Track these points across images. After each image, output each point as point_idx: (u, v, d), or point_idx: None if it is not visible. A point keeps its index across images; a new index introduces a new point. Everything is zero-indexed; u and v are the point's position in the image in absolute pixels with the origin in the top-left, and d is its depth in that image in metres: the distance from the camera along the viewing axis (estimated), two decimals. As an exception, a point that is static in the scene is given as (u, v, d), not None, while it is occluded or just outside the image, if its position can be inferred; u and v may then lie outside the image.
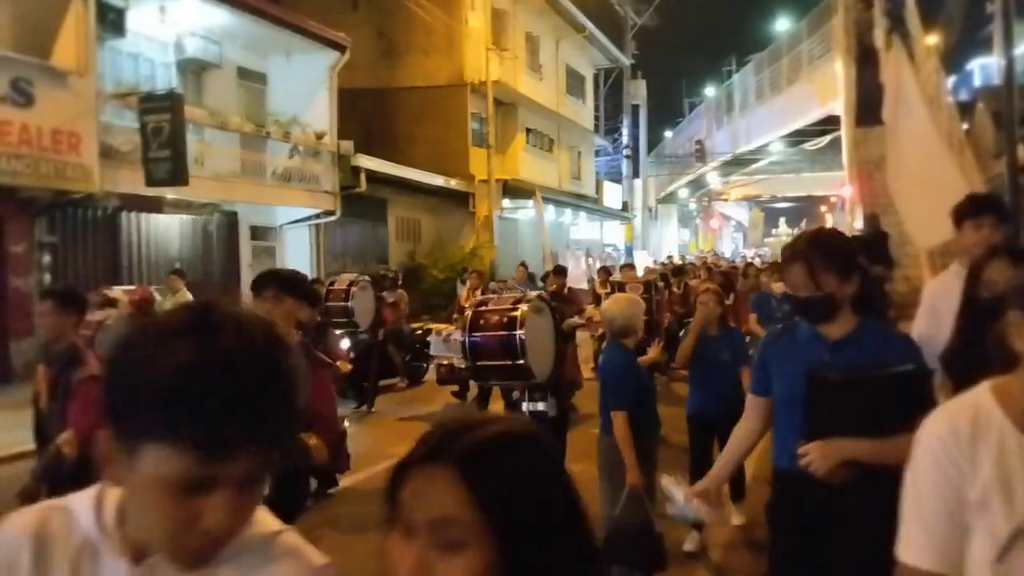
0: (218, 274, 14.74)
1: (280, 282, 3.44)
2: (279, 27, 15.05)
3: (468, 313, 5.50)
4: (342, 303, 9.38)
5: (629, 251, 34.12)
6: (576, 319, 10.65)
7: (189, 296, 10.47)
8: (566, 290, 11.18)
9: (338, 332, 10.02)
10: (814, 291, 2.44)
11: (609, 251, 34.74)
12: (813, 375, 2.43)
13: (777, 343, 2.68)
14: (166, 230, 13.72)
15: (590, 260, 28.36)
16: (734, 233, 61.82)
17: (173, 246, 13.86)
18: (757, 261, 21.03)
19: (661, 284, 11.83)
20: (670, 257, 25.12)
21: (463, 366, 5.47)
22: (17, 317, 10.84)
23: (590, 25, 28.71)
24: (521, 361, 5.09)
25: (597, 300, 12.18)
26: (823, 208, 61.90)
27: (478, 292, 11.24)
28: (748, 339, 10.01)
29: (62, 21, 10.90)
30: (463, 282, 15.74)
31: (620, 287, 10.79)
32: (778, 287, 7.72)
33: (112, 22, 12.12)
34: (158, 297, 9.45)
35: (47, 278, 11.34)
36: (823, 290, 2.42)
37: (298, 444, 3.08)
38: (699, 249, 41.44)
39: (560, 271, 11.99)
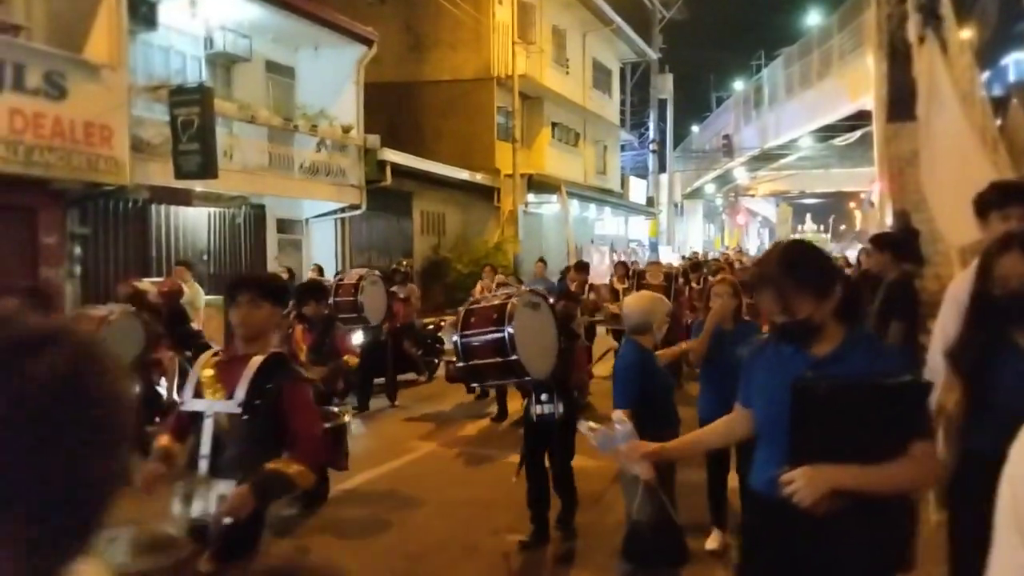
0: (245, 266, 14.88)
1: (258, 286, 3.16)
2: (308, 21, 15.14)
3: (460, 312, 5.28)
4: (351, 298, 9.13)
5: (654, 246, 33.97)
6: (597, 315, 10.58)
7: (198, 288, 10.38)
8: (587, 286, 11.14)
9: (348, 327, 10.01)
10: (789, 317, 2.23)
11: (634, 246, 34.61)
12: (799, 387, 2.18)
13: (760, 356, 2.45)
14: (195, 222, 13.87)
15: (614, 255, 28.23)
16: (760, 229, 61.30)
17: (201, 238, 14.01)
18: None
19: (682, 281, 11.60)
20: (695, 253, 24.96)
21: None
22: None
23: (617, 18, 28.56)
24: (513, 357, 4.85)
25: (615, 295, 12.02)
26: (852, 204, 61.22)
27: (492, 288, 11.07)
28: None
29: (95, 15, 11.03)
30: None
31: (641, 276, 10.45)
32: None
33: (144, 16, 12.26)
34: (186, 290, 9.54)
35: (78, 269, 11.52)
36: (798, 315, 2.21)
37: (277, 476, 2.81)
38: (724, 245, 41.14)
39: (581, 267, 11.84)
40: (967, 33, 19.30)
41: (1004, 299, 2.39)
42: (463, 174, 20.69)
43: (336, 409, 5.73)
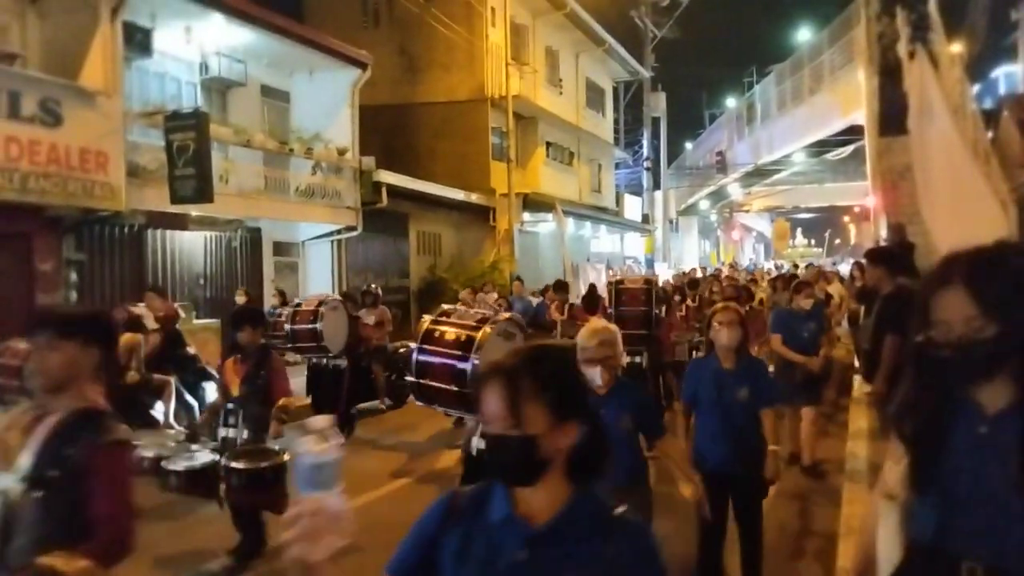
0: (241, 290, 14.86)
1: (57, 323, 2.56)
2: (302, 46, 15.23)
3: (424, 322, 4.79)
4: (310, 325, 8.56)
5: (650, 263, 34.03)
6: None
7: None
8: (567, 307, 10.74)
9: (303, 357, 9.34)
10: (510, 426, 1.59)
11: (630, 263, 34.66)
12: None
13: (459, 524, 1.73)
14: (191, 247, 13.87)
15: (610, 272, 28.27)
16: (756, 244, 61.46)
17: (198, 262, 14.01)
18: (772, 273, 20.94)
19: (678, 298, 11.21)
20: (693, 269, 24.98)
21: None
22: (46, 334, 10.98)
23: (610, 38, 28.77)
24: (468, 391, 4.24)
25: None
26: (846, 218, 61.42)
27: (471, 304, 10.82)
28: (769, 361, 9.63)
29: (90, 42, 11.09)
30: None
31: (619, 285, 9.36)
32: (806, 303, 7.36)
33: (139, 43, 12.33)
34: (182, 314, 9.52)
35: (74, 295, 11.50)
36: (524, 428, 1.59)
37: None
38: (720, 261, 41.22)
39: (560, 287, 11.35)
40: (957, 47, 19.48)
41: (948, 349, 1.79)
42: (459, 194, 20.75)
43: (277, 447, 5.22)
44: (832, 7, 23.13)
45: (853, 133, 22.85)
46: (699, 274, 21.48)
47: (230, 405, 5.59)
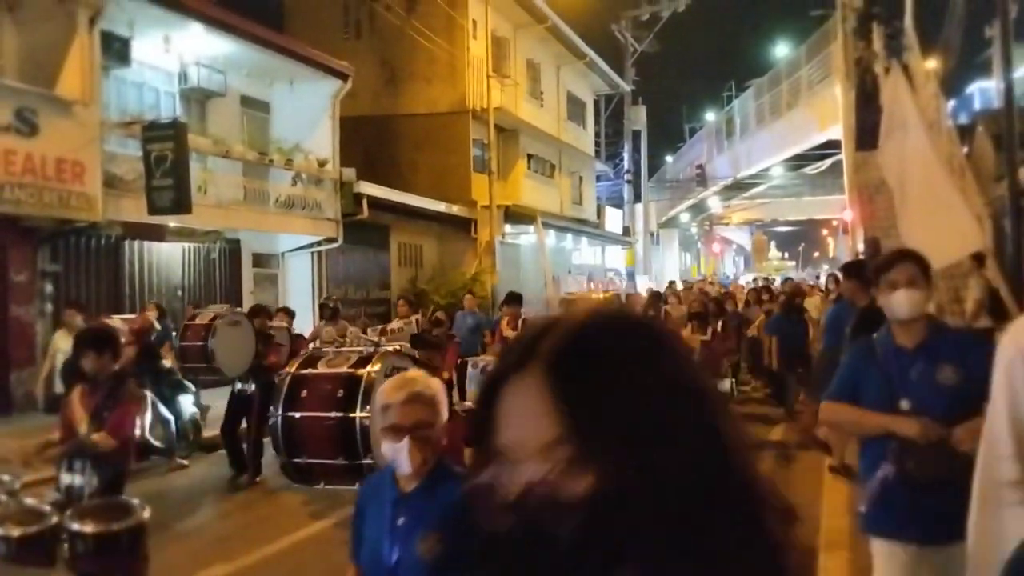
0: (220, 301, 14.73)
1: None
2: (283, 56, 15.19)
3: (284, 377, 3.76)
4: (200, 343, 7.21)
5: (631, 275, 34.13)
6: None
7: None
8: (520, 321, 9.46)
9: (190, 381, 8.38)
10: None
11: (611, 276, 34.74)
12: None
13: None
14: (169, 258, 13.74)
15: (591, 285, 28.32)
16: (736, 257, 61.84)
17: (176, 274, 13.88)
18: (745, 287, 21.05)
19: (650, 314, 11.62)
20: (672, 282, 25.03)
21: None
22: (18, 346, 10.83)
23: (591, 52, 28.95)
24: (366, 461, 3.29)
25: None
26: (824, 231, 61.97)
27: (409, 323, 10.02)
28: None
29: (67, 51, 10.99)
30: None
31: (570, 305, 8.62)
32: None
33: (117, 52, 12.24)
34: (156, 326, 9.37)
35: (49, 307, 11.35)
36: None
37: None
38: (701, 273, 41.43)
39: (513, 299, 10.20)
40: (932, 63, 19.74)
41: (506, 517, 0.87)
42: (440, 206, 20.72)
43: (136, 501, 4.01)
44: (810, 23, 23.41)
45: (830, 147, 23.09)
46: (679, 286, 21.50)
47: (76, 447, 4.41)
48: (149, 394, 8.43)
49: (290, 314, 10.19)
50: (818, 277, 37.14)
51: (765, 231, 53.20)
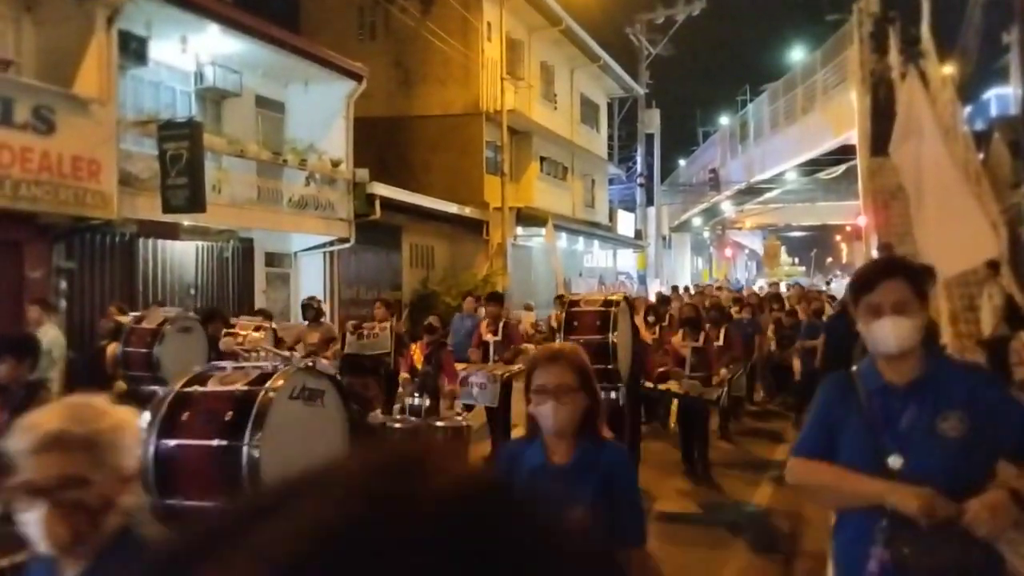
0: (232, 300, 14.82)
1: None
2: (298, 57, 15.25)
3: (166, 396, 3.00)
4: (144, 350, 6.42)
5: (643, 279, 34.07)
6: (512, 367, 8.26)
7: (55, 331, 8.05)
8: (502, 323, 8.75)
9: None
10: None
11: (623, 279, 34.69)
12: None
13: None
14: (182, 256, 13.82)
15: (602, 288, 28.30)
16: (748, 262, 61.64)
17: (189, 272, 13.95)
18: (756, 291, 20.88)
19: (652, 319, 10.50)
20: (685, 289, 24.96)
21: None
22: (34, 342, 10.90)
23: (605, 55, 28.93)
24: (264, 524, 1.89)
25: (552, 334, 10.75)
26: (838, 237, 61.69)
27: (384, 328, 9.09)
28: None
29: (85, 50, 11.07)
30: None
31: (573, 306, 7.24)
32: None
33: (134, 51, 12.32)
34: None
35: (64, 304, 11.43)
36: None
37: None
38: (713, 278, 41.30)
39: (493, 299, 9.35)
40: (949, 69, 19.65)
41: None
42: (452, 208, 20.75)
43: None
44: (826, 28, 23.35)
45: (845, 152, 22.99)
46: (692, 291, 21.44)
47: None
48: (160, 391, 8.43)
49: (267, 316, 9.49)
50: (829, 283, 36.95)
51: (778, 236, 53.02)
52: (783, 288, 23.10)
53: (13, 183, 9.82)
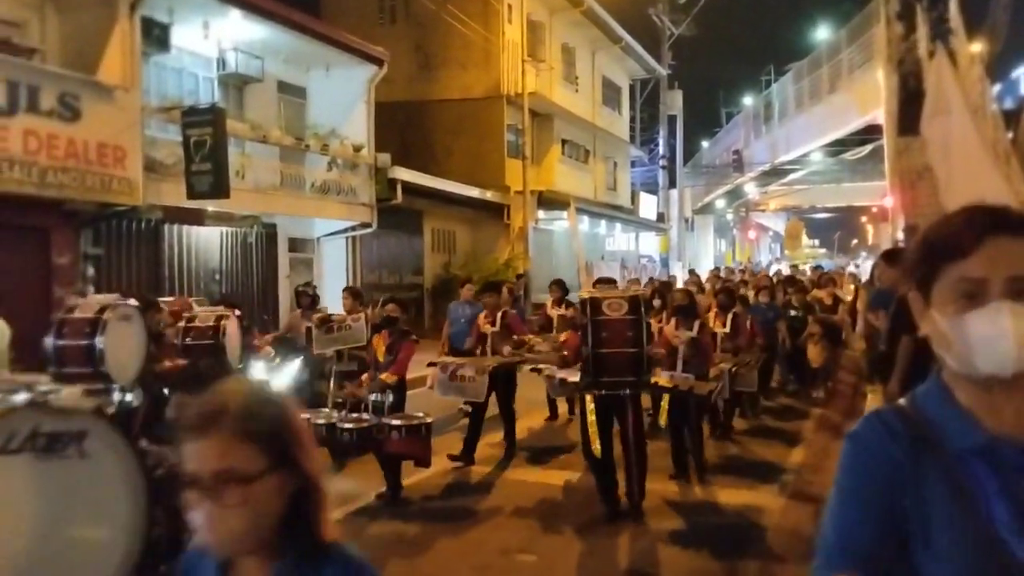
0: (256, 285, 14.94)
1: None
2: (319, 42, 15.27)
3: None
4: (83, 342, 5.41)
5: (665, 262, 33.92)
6: (503, 353, 7.94)
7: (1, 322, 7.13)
8: (500, 314, 8.26)
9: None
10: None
11: (644, 262, 34.55)
12: None
13: None
14: (207, 242, 13.94)
15: (625, 271, 28.21)
16: (772, 244, 61.16)
17: (213, 258, 14.08)
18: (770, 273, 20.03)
19: (658, 303, 9.43)
20: (716, 270, 24.60)
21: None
22: (63, 327, 11.07)
23: (626, 36, 28.68)
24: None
25: (548, 325, 9.89)
26: (864, 218, 60.94)
27: (357, 319, 8.25)
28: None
29: (108, 38, 11.16)
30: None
31: (596, 310, 6.04)
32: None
33: (157, 38, 12.39)
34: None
35: (91, 289, 11.58)
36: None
37: None
38: (736, 260, 41.04)
39: (489, 288, 8.74)
40: (977, 47, 19.25)
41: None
42: (473, 192, 20.74)
43: None
44: (851, 5, 22.98)
45: (871, 132, 22.67)
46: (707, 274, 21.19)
47: None
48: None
49: (232, 305, 8.46)
50: (857, 265, 36.53)
51: (801, 217, 52.53)
52: (807, 271, 22.81)
53: (40, 170, 9.94)
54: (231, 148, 12.29)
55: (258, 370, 8.37)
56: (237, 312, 8.10)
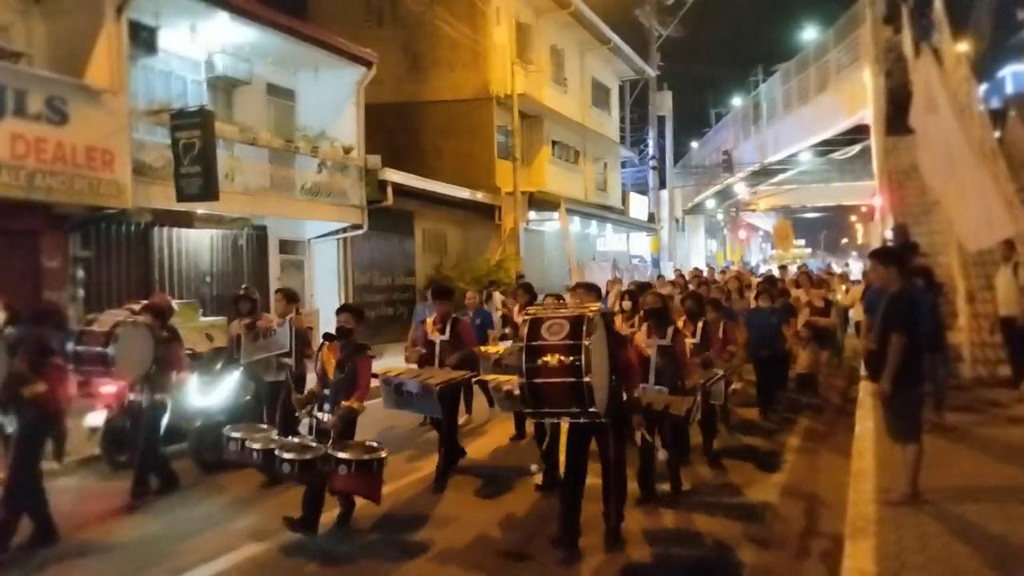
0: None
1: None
2: (307, 44, 15.24)
3: None
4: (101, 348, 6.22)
5: (656, 262, 33.99)
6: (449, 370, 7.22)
7: None
8: (449, 321, 7.58)
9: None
10: None
11: (636, 263, 34.61)
12: None
13: None
14: (197, 244, 13.90)
15: (616, 272, 28.24)
16: (763, 243, 61.32)
17: (204, 260, 14.03)
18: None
19: (628, 303, 8.73)
20: (697, 270, 24.62)
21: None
22: (52, 331, 11.01)
23: (615, 37, 28.73)
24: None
25: (514, 330, 8.98)
26: (853, 218, 61.21)
27: (283, 323, 7.91)
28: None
29: (95, 41, 11.11)
30: (488, 296, 15.70)
31: (533, 334, 5.19)
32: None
33: (144, 41, 12.35)
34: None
35: (81, 292, 11.53)
36: None
37: None
38: (727, 260, 41.13)
39: (440, 294, 7.93)
40: (963, 46, 19.38)
41: None
42: (464, 193, 20.75)
43: None
44: (838, 6, 23.08)
45: (859, 132, 22.76)
46: (703, 272, 21.16)
47: None
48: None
49: (158, 314, 7.24)
50: (847, 265, 36.66)
51: (789, 217, 52.71)
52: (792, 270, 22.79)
53: (28, 173, 9.89)
54: (220, 150, 12.26)
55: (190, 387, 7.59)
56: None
